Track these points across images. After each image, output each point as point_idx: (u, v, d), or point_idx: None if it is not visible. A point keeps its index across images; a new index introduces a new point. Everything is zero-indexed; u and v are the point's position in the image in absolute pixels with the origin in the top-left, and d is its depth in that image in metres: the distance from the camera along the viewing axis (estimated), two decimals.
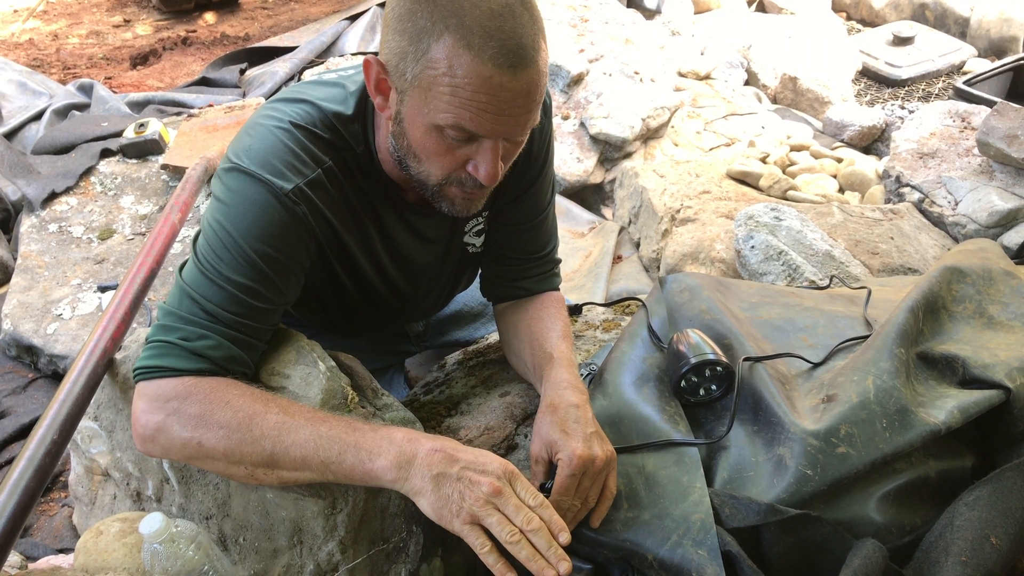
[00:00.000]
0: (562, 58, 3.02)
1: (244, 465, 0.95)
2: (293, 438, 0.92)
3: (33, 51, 4.30)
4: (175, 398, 0.95)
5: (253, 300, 0.99)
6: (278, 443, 0.92)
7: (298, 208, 1.00)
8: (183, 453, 0.97)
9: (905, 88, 3.71)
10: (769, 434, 0.99)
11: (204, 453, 0.95)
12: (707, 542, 0.88)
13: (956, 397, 1.00)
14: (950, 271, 1.20)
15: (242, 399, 0.95)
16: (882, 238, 2.01)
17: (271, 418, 0.94)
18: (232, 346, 0.99)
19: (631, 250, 2.53)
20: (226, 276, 0.98)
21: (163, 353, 0.97)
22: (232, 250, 0.98)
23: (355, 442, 0.91)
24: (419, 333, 1.58)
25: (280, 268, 1.01)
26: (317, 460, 0.92)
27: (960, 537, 0.86)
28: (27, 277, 2.10)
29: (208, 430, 0.94)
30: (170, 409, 0.95)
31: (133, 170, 2.49)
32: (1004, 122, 2.12)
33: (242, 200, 0.99)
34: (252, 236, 0.98)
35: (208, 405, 0.95)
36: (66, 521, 1.57)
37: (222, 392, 0.96)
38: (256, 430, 0.93)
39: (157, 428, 0.95)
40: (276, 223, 0.99)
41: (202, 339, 0.97)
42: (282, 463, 0.93)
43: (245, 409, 0.94)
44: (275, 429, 0.93)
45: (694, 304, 1.20)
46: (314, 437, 0.92)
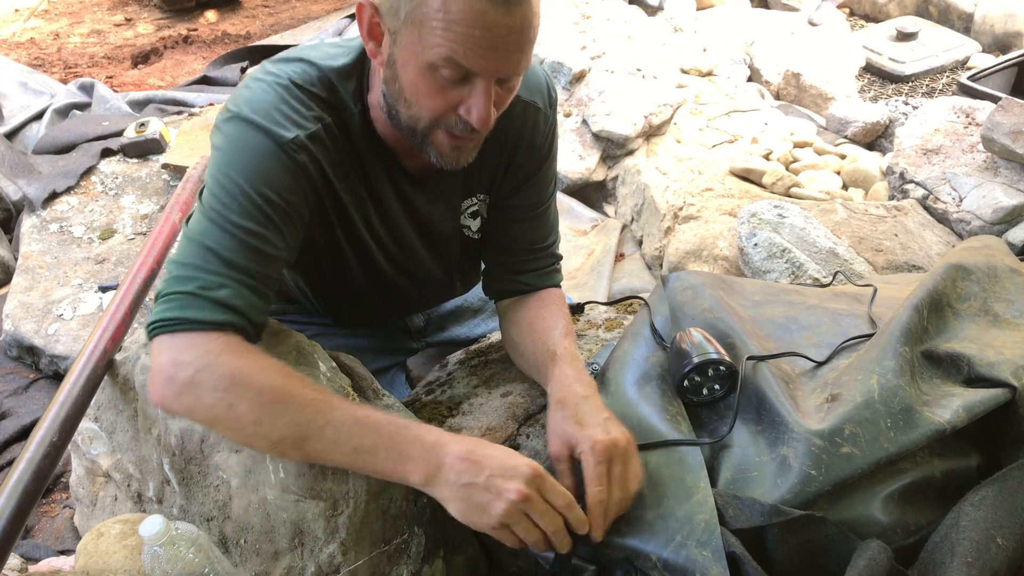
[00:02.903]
0: (564, 55, 3.01)
1: (271, 437, 0.92)
2: (329, 417, 0.90)
3: (34, 50, 4.30)
4: (206, 353, 0.92)
5: (263, 246, 0.99)
6: (314, 420, 0.90)
7: (299, 157, 1.00)
8: (208, 414, 0.93)
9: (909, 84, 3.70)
10: (773, 434, 0.98)
11: (231, 417, 0.91)
12: (711, 543, 0.87)
13: (961, 396, 0.99)
14: (955, 268, 1.19)
15: (278, 368, 0.94)
16: (886, 235, 2.00)
17: (308, 393, 0.92)
18: (250, 294, 0.97)
19: (633, 248, 2.53)
20: (234, 222, 0.97)
21: (185, 304, 0.94)
22: (238, 196, 0.98)
23: (390, 437, 0.90)
24: (420, 328, 1.58)
25: (283, 215, 1.00)
26: (349, 446, 0.90)
27: (966, 537, 0.85)
28: (28, 277, 2.10)
29: (241, 393, 0.91)
30: (201, 364, 0.91)
31: (134, 169, 2.49)
32: (1009, 118, 2.10)
33: (244, 147, 0.99)
34: (256, 181, 0.98)
35: (243, 367, 0.92)
36: (67, 523, 1.57)
37: (257, 357, 0.94)
38: (292, 403, 0.91)
39: (186, 384, 0.91)
40: (278, 169, 0.99)
41: (222, 288, 0.95)
42: (312, 441, 0.91)
43: (281, 379, 0.92)
44: (312, 405, 0.91)
45: (697, 303, 1.19)
46: (350, 422, 0.91)
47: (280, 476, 0.99)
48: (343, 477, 0.99)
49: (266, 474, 1.00)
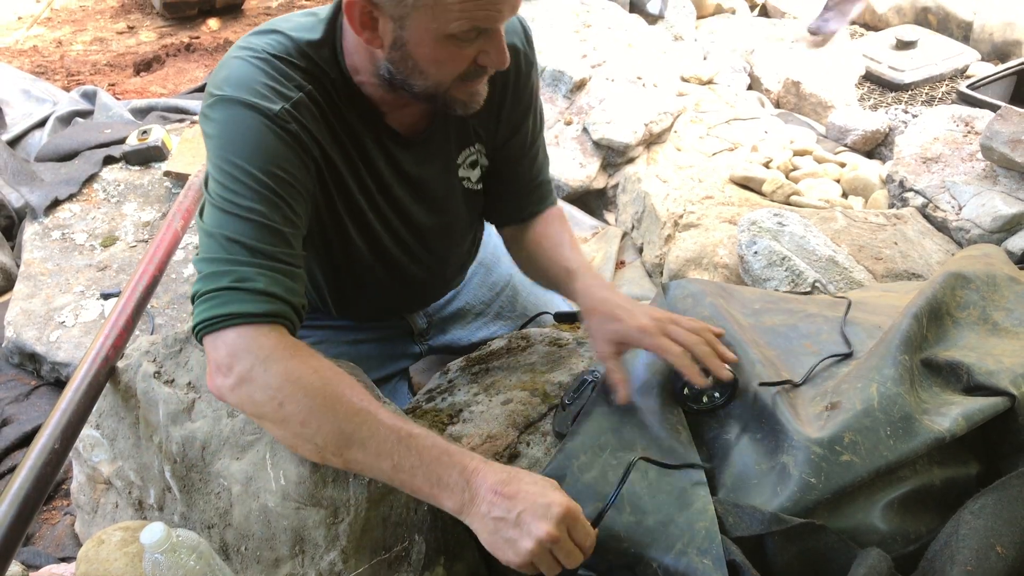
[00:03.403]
0: (564, 64, 3.02)
1: (315, 440, 0.93)
2: (373, 431, 0.91)
3: (37, 58, 4.32)
4: (260, 348, 0.94)
5: (282, 226, 1.00)
6: (358, 431, 0.91)
7: (291, 127, 1.02)
8: (259, 410, 0.95)
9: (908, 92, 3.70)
10: (772, 442, 0.98)
11: (280, 416, 0.93)
12: (712, 551, 0.87)
13: (961, 404, 0.99)
14: (954, 277, 1.19)
15: (329, 371, 0.95)
16: (886, 243, 2.00)
17: (356, 402, 0.93)
18: (284, 278, 0.99)
19: (634, 255, 2.53)
20: (247, 207, 0.98)
21: (226, 301, 0.95)
22: (244, 180, 0.99)
23: (430, 461, 0.90)
24: (422, 330, 1.59)
25: (291, 189, 1.02)
26: (389, 463, 0.91)
27: (965, 546, 0.85)
28: (30, 284, 2.10)
29: (291, 393, 0.92)
30: (257, 360, 0.93)
31: (136, 177, 2.49)
32: (1008, 126, 2.11)
33: (235, 127, 1.01)
34: (258, 160, 0.99)
35: (295, 366, 0.93)
36: (68, 530, 1.56)
37: (310, 357, 0.95)
38: (340, 410, 0.92)
39: (241, 378, 0.93)
40: (275, 143, 1.01)
41: (258, 278, 0.97)
42: (354, 451, 0.92)
43: (332, 383, 0.93)
44: (358, 416, 0.92)
45: (697, 310, 1.19)
46: (393, 439, 0.91)
47: (281, 483, 0.99)
48: (343, 485, 0.99)
49: (267, 481, 1.00)
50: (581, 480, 1.00)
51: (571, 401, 1.18)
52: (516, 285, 1.69)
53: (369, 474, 0.95)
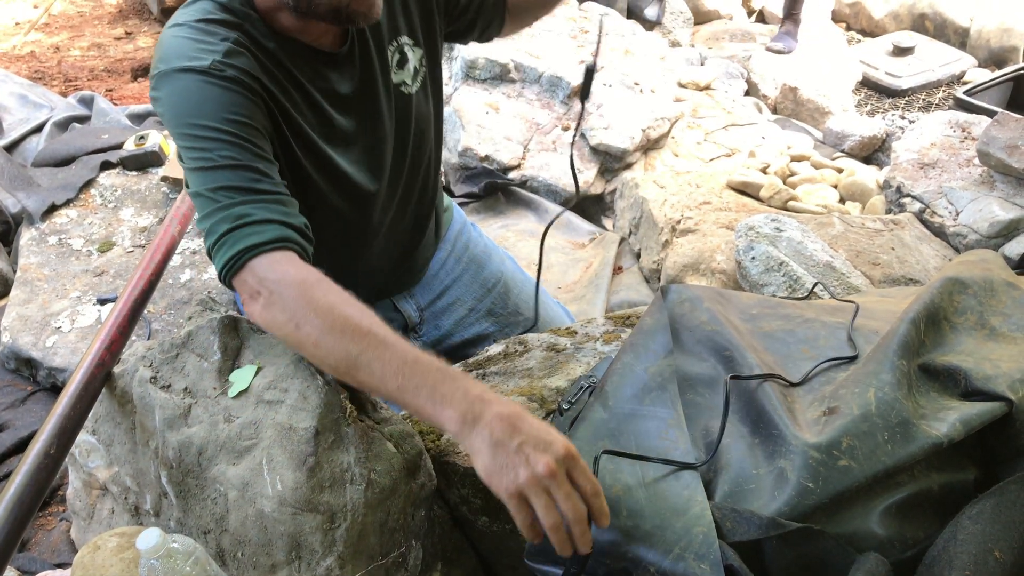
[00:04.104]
0: (562, 69, 3.03)
1: (327, 361, 0.98)
2: (380, 353, 0.94)
3: (35, 63, 4.32)
4: (275, 272, 1.01)
5: (253, 162, 1.06)
6: (364, 352, 0.94)
7: (227, 73, 1.08)
8: (281, 331, 1.01)
9: (905, 98, 3.72)
10: (770, 446, 0.98)
11: (298, 337, 0.98)
12: (709, 556, 0.87)
13: (958, 409, 0.99)
14: (951, 282, 1.19)
15: (339, 295, 0.99)
16: (883, 249, 2.00)
17: (364, 324, 0.96)
18: (276, 205, 1.05)
19: (632, 261, 2.53)
20: (217, 156, 1.05)
21: (234, 242, 1.02)
22: (203, 135, 1.05)
23: (434, 382, 0.92)
24: (416, 324, 1.61)
25: (247, 128, 1.08)
26: (395, 384, 0.93)
27: (963, 551, 0.85)
28: (26, 290, 2.10)
29: (306, 316, 0.97)
30: (274, 284, 1.00)
31: (133, 182, 2.49)
32: (1005, 132, 2.11)
33: (180, 93, 1.07)
34: (208, 113, 1.06)
35: (308, 289, 0.99)
36: (64, 535, 1.56)
37: (319, 283, 1.00)
38: (348, 332, 0.95)
39: (266, 301, 1.00)
40: (217, 94, 1.07)
41: (253, 212, 1.03)
42: (362, 372, 0.95)
43: (340, 307, 0.97)
44: (366, 338, 0.95)
45: (695, 315, 1.19)
46: (399, 361, 0.93)
47: (277, 489, 0.99)
48: (340, 490, 0.99)
49: (263, 487, 1.00)
50: None
51: (568, 406, 1.18)
52: (508, 282, 1.70)
53: (376, 394, 1.01)
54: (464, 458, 1.17)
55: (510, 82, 3.07)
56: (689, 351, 1.15)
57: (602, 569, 0.93)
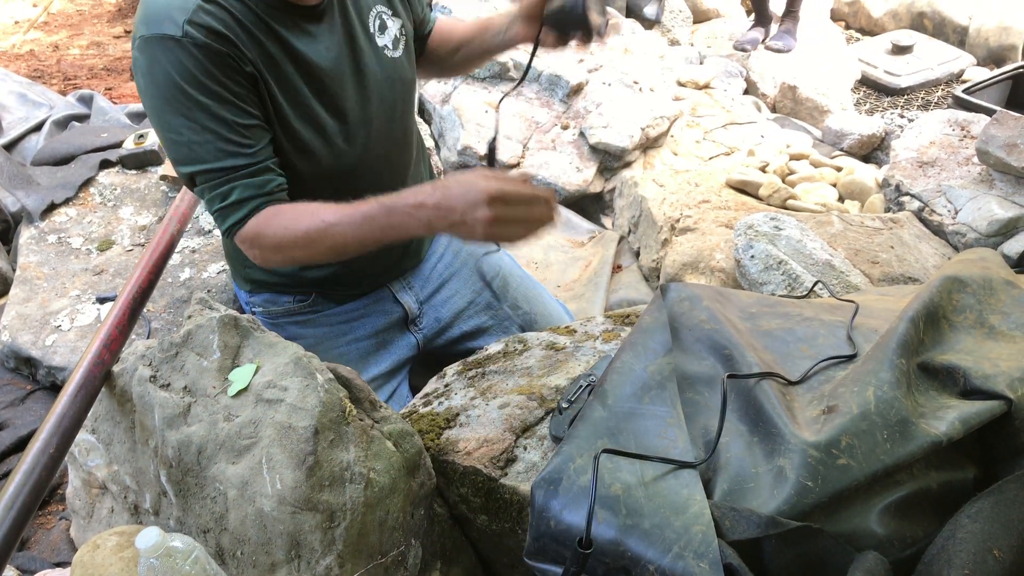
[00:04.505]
0: (561, 68, 3.03)
1: (317, 260, 1.30)
2: (345, 236, 1.18)
3: (34, 62, 4.31)
4: (253, 238, 1.23)
5: (232, 134, 1.19)
6: (335, 243, 1.19)
7: (199, 38, 1.14)
8: (277, 263, 1.28)
9: (904, 97, 3.72)
10: (769, 445, 0.98)
11: (290, 259, 1.26)
12: (708, 555, 0.87)
13: (957, 408, 0.99)
14: (950, 281, 1.20)
15: (295, 221, 1.21)
16: (882, 247, 2.00)
17: (324, 226, 1.18)
18: (251, 178, 1.21)
19: (631, 259, 2.53)
20: (199, 127, 1.17)
21: (223, 218, 1.23)
22: (181, 109, 1.16)
23: (387, 225, 1.15)
24: (415, 317, 1.63)
25: (222, 96, 1.17)
26: (371, 242, 1.17)
27: (962, 550, 0.85)
28: (26, 288, 2.10)
29: (285, 252, 1.23)
30: (258, 244, 1.24)
31: (132, 181, 2.49)
32: (1003, 131, 2.12)
33: (155, 64, 1.15)
34: (183, 87, 1.15)
35: (276, 235, 1.22)
36: (63, 534, 1.56)
37: (279, 219, 1.22)
38: (317, 240, 1.19)
39: (262, 260, 1.26)
40: (191, 65, 1.14)
41: (231, 193, 1.21)
42: (342, 252, 1.21)
43: (302, 228, 1.20)
44: (331, 236, 1.18)
45: (694, 314, 1.19)
46: (357, 233, 1.17)
47: (277, 488, 0.99)
48: (340, 489, 0.99)
49: (263, 486, 1.00)
50: (578, 483, 0.99)
51: (568, 405, 1.18)
52: (506, 275, 1.71)
53: (358, 254, 1.22)
54: (464, 457, 1.17)
55: (509, 80, 3.07)
56: (688, 350, 1.15)
57: (601, 568, 0.93)
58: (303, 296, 1.52)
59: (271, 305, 1.54)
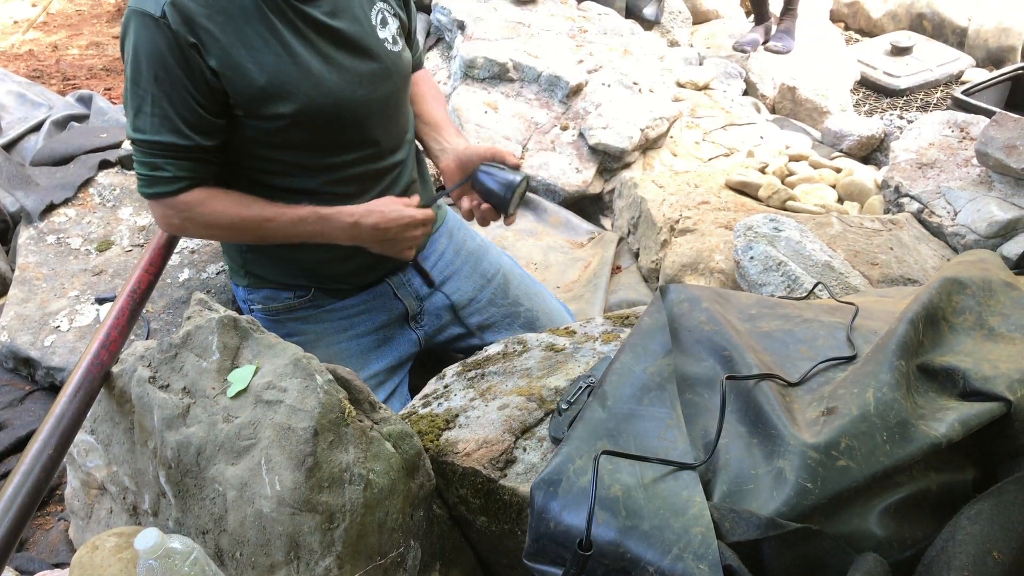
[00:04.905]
0: (561, 68, 3.03)
1: (242, 246, 1.51)
2: (275, 233, 1.37)
3: (33, 62, 4.31)
4: (182, 210, 1.34)
5: (176, 114, 1.27)
6: (263, 235, 1.38)
7: (173, 22, 1.21)
8: (202, 237, 1.55)
9: (903, 98, 3.72)
10: (769, 446, 0.98)
11: (216, 238, 1.45)
12: (708, 556, 0.87)
13: (957, 410, 0.99)
14: (950, 282, 1.20)
15: (232, 207, 1.35)
16: (881, 248, 2.00)
17: (259, 219, 1.36)
18: (190, 162, 1.32)
19: (630, 260, 2.53)
20: (151, 100, 1.26)
21: (151, 182, 1.33)
22: (140, 80, 1.26)
23: (317, 232, 1.37)
24: (416, 314, 1.64)
25: (178, 82, 1.25)
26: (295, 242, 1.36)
27: (962, 551, 0.85)
28: (25, 289, 2.10)
29: (213, 230, 1.39)
30: (183, 217, 1.35)
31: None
32: (1003, 132, 2.12)
33: (135, 35, 1.25)
34: (153, 64, 1.24)
35: (210, 214, 1.34)
36: (62, 535, 1.56)
37: (213, 202, 1.34)
38: (246, 228, 1.37)
39: (179, 228, 1.40)
40: (163, 46, 1.23)
41: (165, 167, 1.30)
42: (270, 242, 1.41)
43: (235, 215, 1.35)
44: (261, 230, 1.37)
45: (694, 315, 1.19)
46: (288, 233, 1.37)
47: (276, 489, 0.99)
48: (339, 490, 0.99)
49: (262, 487, 1.00)
50: (577, 484, 0.99)
51: (567, 406, 1.18)
52: (506, 274, 1.71)
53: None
54: (463, 458, 1.17)
55: (509, 81, 3.07)
56: (688, 351, 1.15)
57: (601, 569, 0.93)
58: (303, 291, 1.52)
59: (271, 301, 1.54)
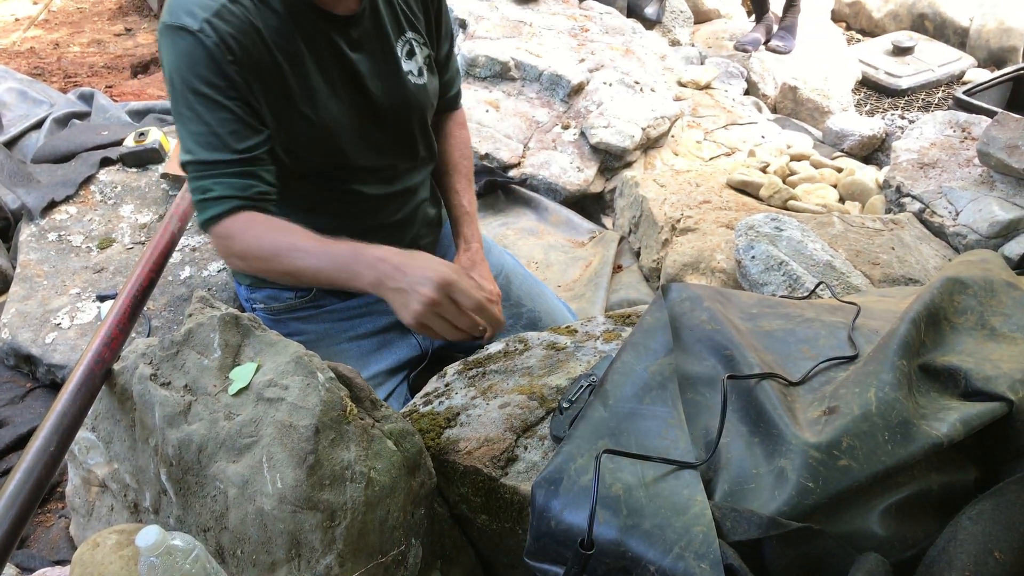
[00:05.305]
0: (562, 67, 3.03)
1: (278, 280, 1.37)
2: (305, 263, 1.20)
3: (34, 59, 4.31)
4: (224, 238, 1.25)
5: (229, 127, 1.21)
6: (293, 266, 1.21)
7: (214, 37, 1.17)
8: (239, 267, 1.33)
9: (905, 98, 3.72)
10: (770, 446, 0.98)
11: (252, 269, 1.30)
12: (709, 556, 0.87)
13: (958, 409, 0.99)
14: (951, 282, 1.20)
15: (267, 234, 1.23)
16: (883, 248, 2.00)
17: (289, 248, 1.21)
18: (235, 179, 1.24)
19: (631, 260, 2.53)
20: (197, 118, 1.20)
21: (201, 208, 1.25)
22: (180, 97, 1.20)
23: (346, 265, 1.16)
24: None
25: (218, 90, 1.20)
26: (324, 276, 1.19)
27: (963, 551, 0.85)
28: (26, 286, 2.10)
29: (248, 261, 1.26)
30: (223, 246, 1.27)
31: (133, 179, 2.49)
32: (1004, 132, 2.11)
33: (168, 51, 1.20)
34: (186, 75, 1.19)
35: (245, 242, 1.24)
36: (63, 532, 1.56)
37: (253, 228, 1.24)
38: (280, 258, 1.22)
39: (226, 255, 1.29)
40: (199, 56, 1.18)
41: (214, 187, 1.23)
42: (298, 278, 1.25)
43: (269, 242, 1.22)
44: (292, 257, 1.21)
45: (695, 314, 1.19)
46: (317, 263, 1.19)
47: (278, 487, 0.99)
48: (340, 488, 0.99)
49: (263, 484, 1.00)
50: (578, 483, 0.99)
51: (569, 405, 1.18)
52: (509, 274, 1.70)
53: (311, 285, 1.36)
54: (464, 456, 1.17)
55: (510, 80, 3.07)
56: (689, 350, 1.15)
57: (602, 568, 0.93)
58: (304, 291, 1.52)
59: (273, 301, 1.54)
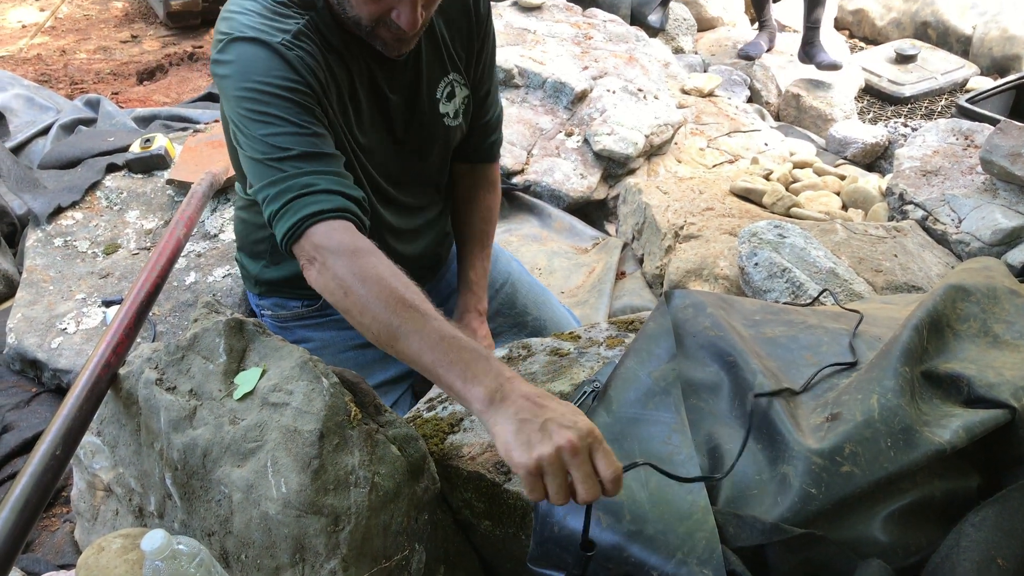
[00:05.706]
0: (566, 75, 3.04)
1: (371, 329, 1.03)
2: (419, 327, 0.99)
3: (41, 66, 4.33)
4: (331, 243, 1.08)
5: (317, 128, 1.14)
6: (404, 325, 0.99)
7: (292, 53, 1.14)
8: (332, 297, 1.08)
9: (908, 106, 3.72)
10: (773, 452, 0.98)
11: (345, 305, 1.06)
12: (712, 561, 0.87)
13: (961, 416, 0.99)
14: (954, 289, 1.20)
15: (387, 270, 1.05)
16: (886, 256, 2.01)
17: (408, 299, 1.01)
18: (339, 177, 1.13)
19: (634, 266, 2.53)
20: (280, 121, 1.11)
21: (299, 208, 1.10)
22: (267, 99, 1.11)
23: (467, 360, 0.95)
24: None
25: (308, 98, 1.14)
26: (428, 359, 0.97)
27: (966, 558, 0.85)
28: (32, 291, 2.11)
29: (353, 285, 1.04)
30: (329, 252, 1.07)
31: (139, 185, 2.50)
32: (1007, 140, 2.12)
33: (247, 59, 1.13)
34: (274, 78, 1.12)
35: (359, 261, 1.05)
36: (68, 537, 1.56)
37: (371, 254, 1.07)
38: (392, 305, 1.01)
39: (321, 266, 1.08)
40: (283, 65, 1.13)
41: (318, 182, 1.10)
42: (400, 344, 1.00)
43: (387, 280, 1.03)
44: (408, 312, 1.00)
45: (698, 320, 1.20)
46: (436, 336, 0.97)
47: (282, 491, 0.99)
48: (344, 493, 1.00)
49: (268, 489, 1.00)
50: None
51: None
52: (515, 282, 1.71)
53: (412, 365, 1.01)
54: (468, 462, 1.17)
55: (514, 88, 3.08)
56: (692, 356, 1.15)
57: (604, 573, 0.93)
58: (311, 300, 1.52)
59: (279, 309, 1.54)
